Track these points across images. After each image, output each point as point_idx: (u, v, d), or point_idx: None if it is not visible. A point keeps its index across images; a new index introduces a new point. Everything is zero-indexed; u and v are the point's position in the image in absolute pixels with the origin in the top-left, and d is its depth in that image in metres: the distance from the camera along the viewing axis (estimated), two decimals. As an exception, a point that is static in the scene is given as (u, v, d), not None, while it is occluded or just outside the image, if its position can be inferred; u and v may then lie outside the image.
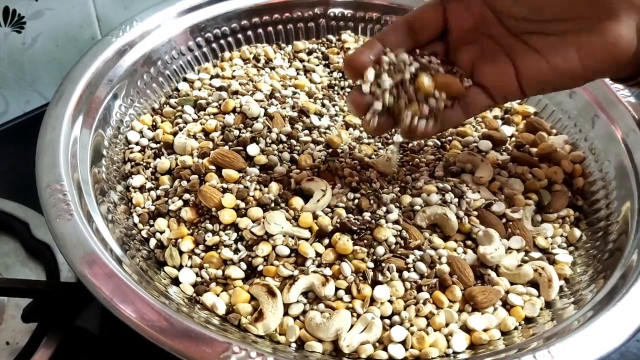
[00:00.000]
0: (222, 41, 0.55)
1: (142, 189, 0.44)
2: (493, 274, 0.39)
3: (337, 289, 0.37)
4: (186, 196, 0.41)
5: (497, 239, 0.39)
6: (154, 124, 0.48)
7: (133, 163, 0.45)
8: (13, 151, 0.55)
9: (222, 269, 0.38)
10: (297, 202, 0.40)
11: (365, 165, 0.44)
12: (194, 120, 0.47)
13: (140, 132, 0.47)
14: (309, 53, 0.57)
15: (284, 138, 0.44)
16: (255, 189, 0.41)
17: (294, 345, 0.35)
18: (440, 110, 0.37)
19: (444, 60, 0.39)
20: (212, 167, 0.42)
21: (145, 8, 0.52)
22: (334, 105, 0.51)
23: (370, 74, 0.36)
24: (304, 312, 0.36)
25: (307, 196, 0.41)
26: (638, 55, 0.34)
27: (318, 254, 0.38)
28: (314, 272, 0.37)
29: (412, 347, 0.35)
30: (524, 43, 0.36)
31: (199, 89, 0.51)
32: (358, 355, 0.35)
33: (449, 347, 0.35)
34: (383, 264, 0.37)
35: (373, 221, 0.39)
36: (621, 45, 0.33)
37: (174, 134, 0.46)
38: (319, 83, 0.53)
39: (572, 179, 0.46)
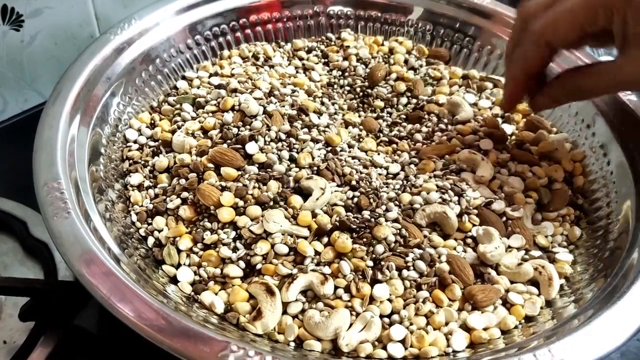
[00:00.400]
0: (220, 39, 0.55)
1: (140, 187, 0.43)
2: (493, 273, 0.38)
3: (336, 287, 0.37)
4: (184, 194, 0.41)
5: (497, 237, 0.39)
6: (152, 122, 0.48)
7: (131, 161, 0.45)
8: (11, 150, 0.54)
9: (220, 267, 0.38)
10: (296, 200, 0.40)
11: (364, 164, 0.44)
12: (193, 119, 0.46)
13: (139, 130, 0.47)
14: (308, 51, 0.56)
15: (283, 136, 0.44)
16: (254, 187, 0.40)
17: (292, 344, 0.35)
18: None
19: None
20: (211, 165, 0.42)
21: (144, 6, 0.52)
22: (333, 104, 0.51)
23: None
24: (303, 311, 0.36)
25: (306, 194, 0.41)
26: None
27: (317, 253, 0.38)
28: (313, 270, 0.37)
29: (411, 346, 0.35)
30: None
31: (198, 87, 0.50)
32: (357, 354, 0.34)
33: (448, 346, 0.35)
34: (382, 263, 0.37)
35: (372, 219, 0.39)
36: None
37: (173, 132, 0.46)
38: (318, 81, 0.53)
39: (573, 178, 0.46)
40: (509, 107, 0.47)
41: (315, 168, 0.42)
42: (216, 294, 0.37)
